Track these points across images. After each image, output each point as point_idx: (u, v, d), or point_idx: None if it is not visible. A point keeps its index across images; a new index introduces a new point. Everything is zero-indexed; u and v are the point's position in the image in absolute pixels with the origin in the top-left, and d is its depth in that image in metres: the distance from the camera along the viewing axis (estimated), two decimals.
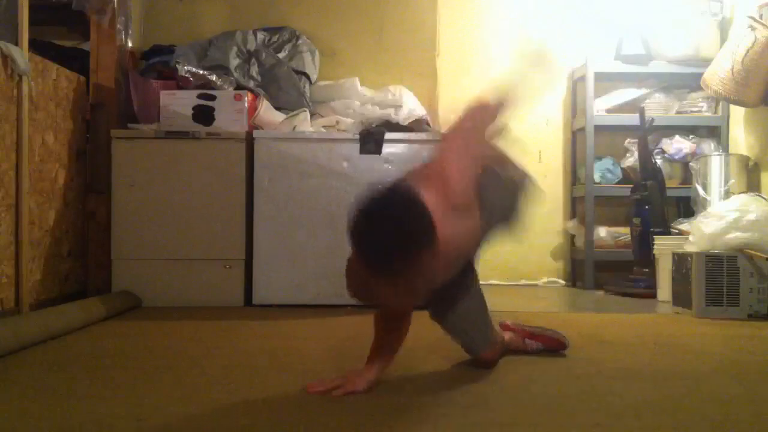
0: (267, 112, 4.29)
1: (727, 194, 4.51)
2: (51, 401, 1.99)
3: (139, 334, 3.17)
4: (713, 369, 2.51)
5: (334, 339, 3.11)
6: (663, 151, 5.22)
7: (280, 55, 4.60)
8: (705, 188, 4.75)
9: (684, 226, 4.63)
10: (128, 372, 2.39)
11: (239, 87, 4.34)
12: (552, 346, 2.64)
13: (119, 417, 1.82)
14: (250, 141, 4.04)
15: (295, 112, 4.31)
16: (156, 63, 4.45)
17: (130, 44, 4.34)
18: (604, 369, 2.49)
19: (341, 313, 3.76)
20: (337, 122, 4.31)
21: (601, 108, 5.28)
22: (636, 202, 4.83)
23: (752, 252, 3.74)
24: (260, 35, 4.65)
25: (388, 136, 4.10)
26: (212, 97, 4.11)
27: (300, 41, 4.73)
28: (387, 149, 4.06)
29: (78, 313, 3.22)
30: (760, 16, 4.53)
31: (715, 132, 5.26)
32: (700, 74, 4.73)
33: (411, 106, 4.47)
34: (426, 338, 2.58)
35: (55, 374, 2.33)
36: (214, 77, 4.30)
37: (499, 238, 2.35)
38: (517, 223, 2.36)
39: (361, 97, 4.55)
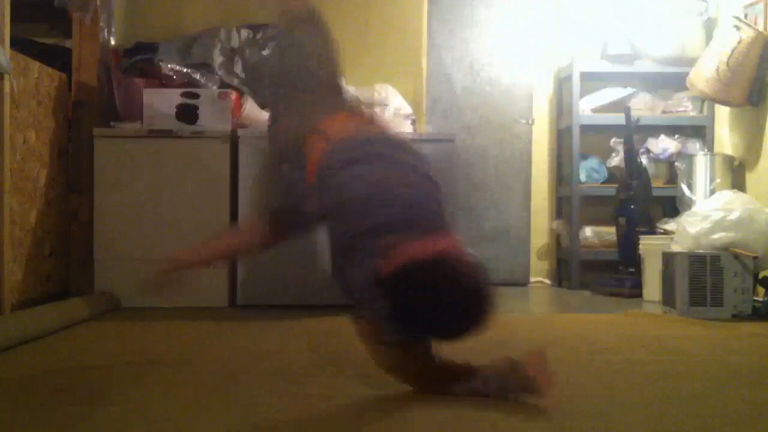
0: (252, 110, 4.26)
1: (713, 194, 4.52)
2: (40, 406, 1.96)
3: (121, 337, 3.14)
4: (701, 369, 2.51)
5: (318, 339, 3.09)
6: (648, 151, 5.22)
7: (264, 53, 4.57)
8: (690, 188, 4.76)
9: (669, 225, 4.64)
10: (110, 376, 2.36)
11: (223, 85, 4.31)
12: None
13: (104, 422, 1.80)
14: (234, 140, 4.01)
15: None
16: (139, 61, 4.41)
17: (112, 42, 4.30)
18: (593, 370, 2.48)
19: (326, 313, 3.75)
20: None
21: (586, 107, 5.28)
22: (621, 201, 4.83)
23: (739, 251, 3.74)
24: (244, 32, 4.62)
25: None
26: (196, 96, 4.07)
27: None
28: None
29: (59, 315, 3.18)
30: (745, 16, 4.54)
31: (701, 132, 5.27)
32: (686, 74, 4.73)
33: (397, 105, 4.46)
34: None
35: (38, 378, 2.30)
36: (197, 75, 4.27)
37: None
38: None
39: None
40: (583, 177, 5.27)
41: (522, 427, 1.79)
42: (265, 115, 4.28)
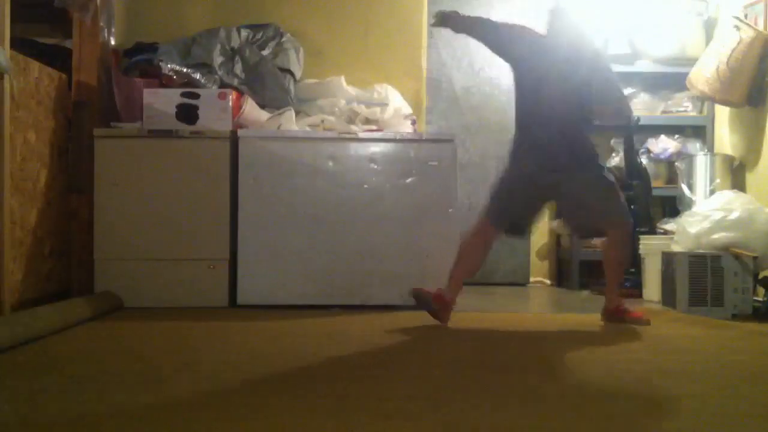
0: (252, 110, 4.26)
1: (713, 194, 4.52)
2: (42, 406, 1.96)
3: (123, 336, 3.13)
4: (702, 369, 2.51)
5: (319, 339, 3.09)
6: (648, 151, 5.22)
7: (264, 53, 4.57)
8: (690, 188, 4.76)
9: (669, 225, 4.64)
10: (113, 376, 2.36)
11: (223, 85, 4.31)
12: None
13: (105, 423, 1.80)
14: (234, 140, 4.00)
15: (280, 111, 4.28)
16: (139, 61, 4.41)
17: (112, 42, 4.30)
18: (594, 369, 2.48)
19: (326, 313, 3.75)
20: (323, 121, 4.28)
21: None
22: None
23: (739, 251, 3.74)
24: (244, 32, 4.62)
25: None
26: (196, 96, 4.07)
27: (284, 38, 4.70)
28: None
29: (60, 315, 3.18)
30: (745, 16, 4.54)
31: (701, 132, 5.27)
32: (686, 74, 4.74)
33: (397, 105, 4.46)
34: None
35: (43, 378, 2.30)
36: (198, 75, 4.26)
37: None
38: None
39: (346, 96, 4.53)
40: None
41: (522, 426, 1.79)
42: (264, 115, 4.29)
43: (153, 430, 1.75)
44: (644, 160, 5.10)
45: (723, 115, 5.04)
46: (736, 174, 4.76)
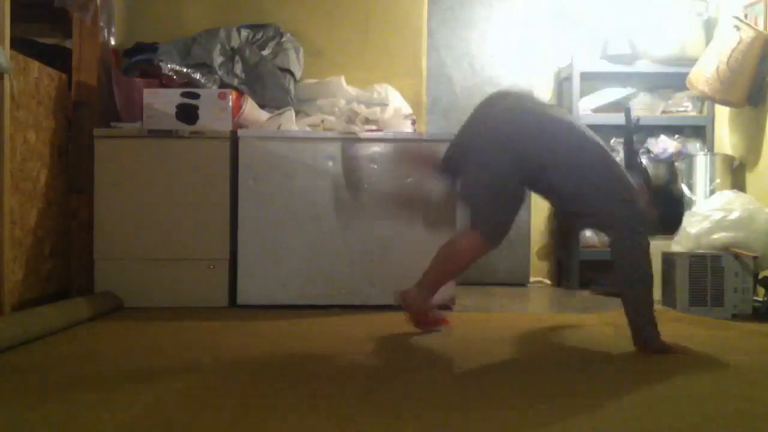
0: (251, 110, 4.26)
1: (713, 194, 4.53)
2: (42, 406, 1.96)
3: (124, 337, 3.14)
4: (702, 368, 2.51)
5: (319, 339, 3.09)
6: (648, 151, 5.22)
7: (264, 53, 4.57)
8: (690, 188, 4.76)
9: None
10: (115, 376, 2.36)
11: (223, 85, 4.31)
12: None
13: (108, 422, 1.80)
14: (234, 140, 4.00)
15: (280, 111, 4.28)
16: (139, 61, 4.40)
17: (112, 42, 4.29)
18: (594, 369, 2.48)
19: (326, 313, 3.75)
20: (323, 121, 4.28)
21: (587, 107, 5.28)
22: None
23: (739, 250, 3.75)
24: (244, 32, 4.62)
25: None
26: (196, 96, 4.07)
27: (284, 38, 4.70)
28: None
29: (61, 315, 3.18)
30: (745, 16, 4.54)
31: (701, 132, 5.27)
32: (686, 74, 4.74)
33: (397, 105, 4.46)
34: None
35: (42, 379, 2.30)
36: (197, 75, 4.26)
37: None
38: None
39: (346, 96, 4.53)
40: None
41: (524, 426, 1.79)
42: (264, 115, 4.29)
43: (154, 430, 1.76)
44: (644, 159, 5.10)
45: (723, 115, 5.04)
46: (736, 174, 4.76)
